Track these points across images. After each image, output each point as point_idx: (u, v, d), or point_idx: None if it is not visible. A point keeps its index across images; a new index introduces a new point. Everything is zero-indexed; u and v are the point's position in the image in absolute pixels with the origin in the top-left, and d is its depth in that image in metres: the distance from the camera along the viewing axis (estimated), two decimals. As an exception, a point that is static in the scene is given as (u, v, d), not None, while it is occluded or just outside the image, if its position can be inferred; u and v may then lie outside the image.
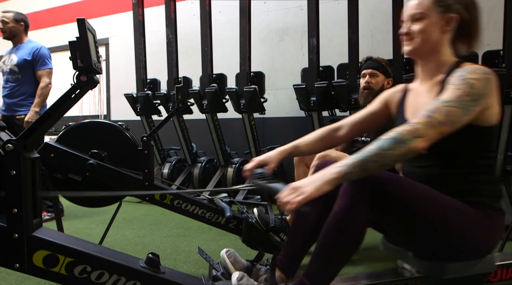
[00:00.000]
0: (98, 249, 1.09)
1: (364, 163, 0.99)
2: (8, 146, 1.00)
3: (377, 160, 0.99)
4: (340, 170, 0.99)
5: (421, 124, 1.01)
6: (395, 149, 0.99)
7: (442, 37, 1.20)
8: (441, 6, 1.18)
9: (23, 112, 3.17)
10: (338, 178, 0.99)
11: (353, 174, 0.99)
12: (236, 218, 1.96)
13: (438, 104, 1.05)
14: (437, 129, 1.02)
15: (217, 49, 3.94)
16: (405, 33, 1.24)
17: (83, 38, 1.11)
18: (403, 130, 1.01)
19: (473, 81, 1.07)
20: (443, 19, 1.18)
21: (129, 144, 1.95)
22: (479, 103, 1.07)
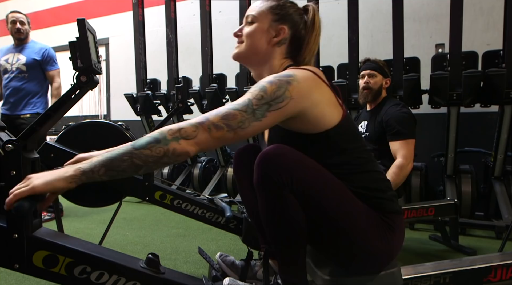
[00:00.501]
0: (98, 249, 1.09)
1: (111, 161, 0.87)
2: (8, 146, 1.00)
3: (127, 159, 0.87)
4: (82, 167, 0.88)
5: (190, 126, 0.91)
6: (151, 148, 0.88)
7: (270, 47, 1.13)
8: (276, 14, 1.12)
9: (28, 111, 3.20)
10: (76, 176, 0.87)
11: (96, 173, 0.87)
12: (236, 218, 1.96)
13: (222, 108, 0.96)
14: (211, 133, 0.92)
15: (217, 49, 3.94)
16: (235, 34, 1.18)
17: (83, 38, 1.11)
18: (165, 130, 0.90)
19: (267, 85, 0.97)
20: (274, 29, 1.12)
21: (129, 144, 1.95)
22: (275, 108, 0.95)
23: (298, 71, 1.02)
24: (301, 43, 1.15)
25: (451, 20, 2.75)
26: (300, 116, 1.01)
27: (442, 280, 1.19)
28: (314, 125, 1.03)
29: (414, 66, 2.99)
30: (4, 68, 3.27)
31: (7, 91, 3.27)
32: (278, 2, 1.15)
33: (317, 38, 1.16)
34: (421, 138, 3.46)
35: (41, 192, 0.87)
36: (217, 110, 0.95)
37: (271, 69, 1.14)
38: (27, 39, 3.29)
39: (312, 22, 1.15)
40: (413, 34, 3.55)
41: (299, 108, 0.99)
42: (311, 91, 1.01)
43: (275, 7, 1.14)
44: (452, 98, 2.76)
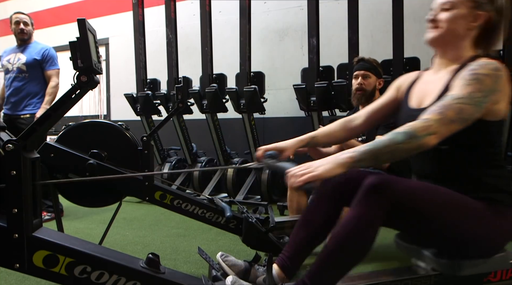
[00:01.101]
0: (98, 249, 1.09)
1: (377, 152, 1.02)
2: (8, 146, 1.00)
3: (389, 152, 1.02)
4: (352, 155, 1.02)
5: (433, 122, 1.03)
6: (408, 143, 1.01)
7: (466, 32, 1.20)
8: (473, 2, 1.18)
9: (28, 111, 3.20)
10: (350, 162, 1.02)
11: (364, 161, 1.02)
12: (236, 218, 1.96)
13: (450, 101, 1.06)
14: (449, 127, 1.04)
15: (217, 49, 3.94)
16: (431, 20, 1.24)
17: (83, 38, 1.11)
18: (416, 126, 1.03)
19: (483, 77, 1.08)
20: (472, 15, 1.18)
21: (129, 144, 1.95)
22: (489, 100, 1.08)
23: (500, 65, 1.12)
24: (493, 29, 1.21)
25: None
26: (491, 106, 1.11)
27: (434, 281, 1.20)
28: (493, 115, 1.13)
29: (414, 66, 2.99)
30: (5, 68, 3.28)
31: (8, 91, 3.28)
32: None
33: (506, 24, 1.23)
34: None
35: (325, 178, 1.02)
36: (449, 105, 1.05)
37: (458, 52, 1.22)
38: (30, 39, 3.30)
39: (505, 9, 1.21)
40: (413, 34, 3.54)
41: (497, 100, 1.11)
42: (506, 86, 1.13)
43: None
44: (452, 98, 2.76)
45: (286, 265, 1.30)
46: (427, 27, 1.26)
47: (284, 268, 1.30)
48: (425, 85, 1.28)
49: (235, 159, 3.93)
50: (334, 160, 1.03)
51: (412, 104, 1.28)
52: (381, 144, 1.03)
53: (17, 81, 3.23)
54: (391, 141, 1.02)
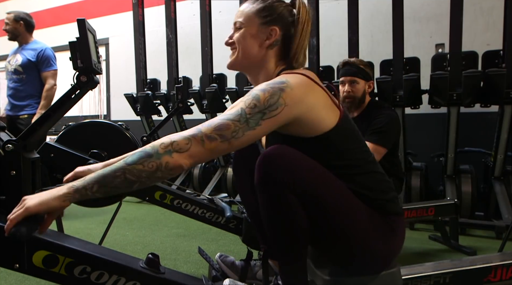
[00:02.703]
0: (98, 249, 1.09)
1: (105, 178, 0.86)
2: (8, 146, 1.00)
3: (120, 175, 0.86)
4: (76, 185, 0.87)
5: (182, 138, 0.91)
6: (143, 163, 0.86)
7: (263, 51, 1.10)
8: (264, 17, 1.10)
9: (26, 112, 3.19)
10: (69, 194, 0.87)
11: (89, 190, 0.87)
12: (236, 218, 1.96)
13: (214, 119, 0.95)
14: (204, 145, 0.91)
15: (217, 49, 3.93)
16: (226, 43, 1.15)
17: (83, 38, 1.11)
18: (157, 143, 0.90)
19: (260, 93, 0.96)
20: (264, 32, 1.09)
21: (129, 144, 1.95)
22: (270, 116, 0.94)
23: (291, 77, 1.01)
24: (293, 41, 1.11)
25: (451, 20, 2.75)
26: (296, 122, 1.00)
27: (442, 280, 1.19)
28: (311, 129, 1.02)
29: (414, 66, 2.99)
30: (6, 69, 3.29)
31: (8, 92, 3.30)
32: (264, 3, 1.12)
33: (306, 32, 1.13)
34: (421, 138, 3.47)
35: (35, 212, 0.85)
36: (210, 121, 0.94)
37: (267, 73, 1.12)
38: (22, 38, 3.26)
39: (301, 17, 1.11)
40: (413, 34, 3.55)
41: (294, 114, 0.98)
42: (305, 96, 1.00)
43: (262, 10, 1.11)
44: (452, 98, 2.76)
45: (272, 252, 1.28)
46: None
47: (272, 257, 1.30)
48: None
49: (235, 159, 3.92)
50: (51, 191, 0.87)
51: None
52: (112, 168, 0.87)
53: (15, 83, 3.23)
54: (123, 163, 0.87)
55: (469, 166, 2.98)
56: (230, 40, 1.14)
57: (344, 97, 2.09)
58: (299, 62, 1.13)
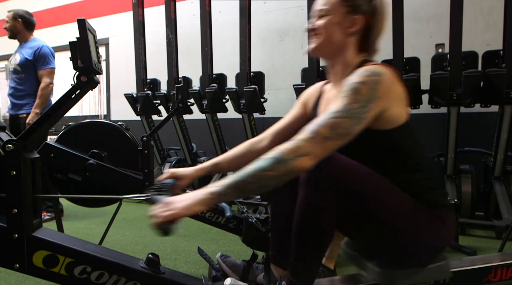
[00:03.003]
0: (98, 249, 1.09)
1: (241, 184, 0.93)
2: (8, 146, 1.00)
3: (255, 181, 0.93)
4: (214, 191, 0.94)
5: (304, 142, 0.94)
6: (275, 169, 0.92)
7: (346, 38, 1.15)
8: (348, 6, 1.14)
9: (24, 111, 3.17)
10: (210, 199, 0.94)
11: (228, 195, 0.94)
12: (236, 218, 1.96)
13: (325, 117, 0.98)
14: (324, 145, 0.95)
15: (217, 49, 3.94)
16: (309, 29, 1.20)
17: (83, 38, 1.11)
18: (284, 149, 0.94)
19: (359, 86, 1.00)
20: (348, 20, 1.14)
21: (129, 144, 1.96)
22: (370, 109, 0.99)
23: (381, 70, 1.05)
24: (373, 31, 1.17)
25: (451, 20, 2.75)
26: (380, 114, 1.04)
27: (442, 280, 1.19)
28: (387, 122, 1.07)
29: (414, 66, 2.99)
30: (7, 68, 3.28)
31: (9, 91, 3.29)
32: None
33: (384, 23, 1.19)
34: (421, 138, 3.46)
35: (183, 216, 0.94)
36: (322, 121, 0.97)
37: (345, 60, 1.18)
38: (21, 37, 3.25)
39: (380, 8, 1.17)
40: (413, 34, 3.55)
41: (383, 107, 1.03)
42: (393, 90, 1.05)
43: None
44: (452, 98, 2.76)
45: (278, 260, 1.30)
46: (309, 36, 1.20)
47: (277, 263, 1.31)
48: (328, 100, 1.24)
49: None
50: (193, 196, 0.95)
51: None
52: (245, 174, 0.94)
53: (14, 82, 3.22)
54: (256, 170, 0.93)
55: (469, 166, 2.98)
56: (314, 27, 1.18)
57: None
58: (375, 53, 1.21)
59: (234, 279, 1.23)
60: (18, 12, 3.25)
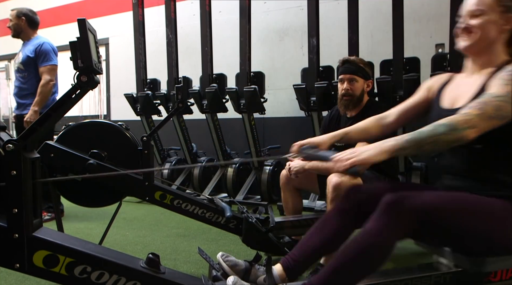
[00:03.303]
0: (98, 249, 1.09)
1: (420, 142, 1.06)
2: (8, 146, 1.00)
3: (431, 142, 1.05)
4: (396, 143, 1.06)
5: (474, 116, 1.06)
6: (448, 134, 1.05)
7: (499, 36, 1.22)
8: (502, 6, 1.21)
9: (28, 111, 3.09)
10: (394, 149, 1.06)
11: (407, 150, 1.07)
12: (236, 218, 1.96)
13: (489, 98, 1.09)
14: (488, 122, 1.07)
15: (217, 49, 3.94)
16: (463, 28, 1.26)
17: (83, 38, 1.11)
18: (457, 119, 1.06)
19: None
20: (503, 18, 1.21)
21: (129, 144, 1.95)
22: None
23: None
24: None
25: (451, 20, 2.75)
26: None
27: (442, 280, 1.19)
28: None
29: (414, 66, 2.99)
30: (12, 68, 3.29)
31: (14, 91, 3.26)
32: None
33: None
34: (421, 138, 3.47)
35: (370, 162, 1.06)
36: (488, 101, 1.08)
37: (491, 55, 1.24)
38: (24, 35, 3.21)
39: None
40: (413, 34, 3.55)
41: None
42: None
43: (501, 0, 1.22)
44: (452, 98, 2.76)
45: (290, 267, 1.30)
46: (458, 35, 1.27)
47: (287, 270, 1.30)
48: (458, 87, 1.30)
49: (235, 159, 3.93)
50: (378, 146, 1.07)
51: (444, 105, 1.30)
52: (423, 134, 1.06)
53: (18, 81, 3.19)
54: (433, 132, 1.06)
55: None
56: (469, 25, 1.23)
57: (342, 95, 2.08)
58: None
59: (236, 277, 1.23)
60: (22, 10, 3.22)
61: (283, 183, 2.14)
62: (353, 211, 1.32)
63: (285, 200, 2.19)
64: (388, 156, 1.06)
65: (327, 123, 2.29)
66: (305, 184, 2.14)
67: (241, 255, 1.53)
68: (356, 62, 2.09)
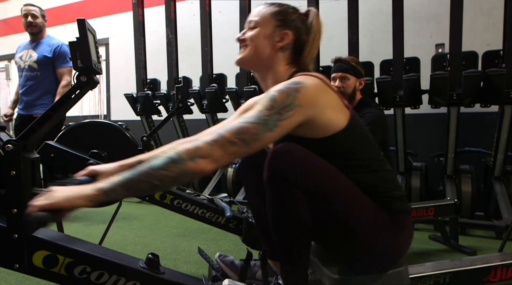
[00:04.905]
0: (98, 249, 1.09)
1: (130, 182, 0.88)
2: (8, 146, 1.00)
3: (146, 180, 0.88)
4: (101, 187, 0.88)
5: (205, 144, 0.91)
6: (168, 169, 0.88)
7: (275, 52, 1.13)
8: (279, 20, 1.13)
9: (41, 111, 3.05)
10: (96, 195, 0.88)
11: (116, 193, 0.88)
12: (236, 218, 1.96)
13: (235, 122, 0.95)
14: (227, 150, 0.91)
15: (217, 49, 3.93)
16: (238, 39, 1.18)
17: (83, 38, 1.11)
18: (182, 149, 0.90)
19: (276, 94, 0.98)
20: (277, 34, 1.13)
21: (129, 144, 1.96)
22: (286, 117, 0.96)
23: (305, 78, 1.03)
24: (303, 47, 1.15)
25: (451, 20, 2.75)
26: (308, 123, 1.01)
27: (442, 280, 1.19)
28: (321, 130, 1.04)
29: (414, 66, 2.99)
30: (18, 65, 3.17)
31: (21, 90, 3.18)
32: (281, 7, 1.16)
33: (317, 42, 1.17)
34: (421, 138, 3.47)
35: (61, 207, 0.86)
36: (230, 125, 0.95)
37: (276, 75, 1.15)
38: (41, 34, 3.18)
39: (313, 27, 1.16)
40: (413, 34, 3.55)
41: (307, 115, 1.00)
42: (318, 98, 1.02)
43: (278, 13, 1.15)
44: (452, 98, 2.76)
45: (272, 254, 1.30)
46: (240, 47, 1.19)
47: (272, 257, 1.31)
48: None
49: (235, 159, 3.92)
50: (79, 190, 0.89)
51: None
52: (137, 172, 0.89)
53: (29, 80, 3.12)
54: (148, 168, 0.89)
55: (469, 166, 2.98)
56: (243, 37, 1.17)
57: None
58: (308, 70, 1.15)
59: (231, 280, 1.23)
60: (40, 8, 3.18)
61: None
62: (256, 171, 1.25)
63: None
64: (87, 202, 0.87)
65: None
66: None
67: (241, 255, 1.53)
68: (348, 61, 2.13)
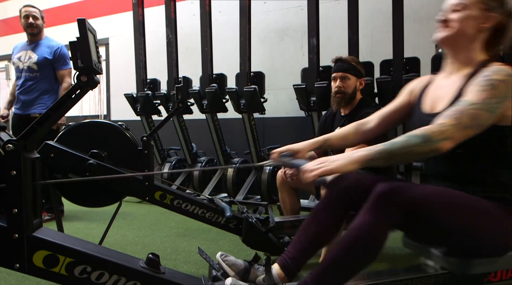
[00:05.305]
0: (98, 249, 1.09)
1: (392, 153, 1.03)
2: (8, 146, 1.00)
3: (404, 153, 1.04)
4: (368, 153, 1.03)
5: (449, 126, 1.04)
6: (422, 146, 1.03)
7: (477, 33, 1.21)
8: (484, 4, 1.20)
9: (38, 110, 3.09)
10: (364, 160, 1.03)
11: (379, 160, 1.04)
12: (236, 218, 1.96)
13: (465, 107, 1.07)
14: (464, 132, 1.05)
15: (217, 49, 3.94)
16: (442, 20, 1.24)
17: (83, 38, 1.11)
18: (432, 130, 1.04)
19: (497, 83, 1.09)
20: (483, 16, 1.20)
21: (129, 144, 1.95)
22: (503, 105, 1.09)
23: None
24: (502, 32, 1.23)
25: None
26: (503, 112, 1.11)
27: (443, 280, 1.19)
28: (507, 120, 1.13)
29: (414, 66, 2.99)
30: (16, 66, 3.18)
31: (18, 90, 3.20)
32: None
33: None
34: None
35: (339, 172, 1.06)
36: (464, 110, 1.06)
37: (469, 54, 1.23)
38: (40, 35, 3.19)
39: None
40: (413, 34, 3.55)
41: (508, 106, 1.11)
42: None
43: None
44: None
45: (288, 266, 1.30)
46: (437, 27, 1.25)
47: (285, 268, 1.30)
48: (438, 90, 1.28)
49: (235, 159, 3.93)
50: (349, 156, 1.04)
51: (425, 109, 1.29)
52: (396, 144, 1.04)
53: (28, 81, 3.14)
54: (406, 143, 1.04)
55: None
56: (448, 18, 1.22)
57: (335, 92, 2.12)
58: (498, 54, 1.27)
59: (234, 279, 1.23)
60: (39, 11, 3.19)
61: (280, 183, 2.15)
62: (342, 200, 1.32)
63: (282, 200, 2.19)
64: (358, 166, 1.04)
65: (322, 123, 2.32)
66: (301, 184, 2.14)
67: (241, 255, 1.53)
68: (348, 61, 2.14)
